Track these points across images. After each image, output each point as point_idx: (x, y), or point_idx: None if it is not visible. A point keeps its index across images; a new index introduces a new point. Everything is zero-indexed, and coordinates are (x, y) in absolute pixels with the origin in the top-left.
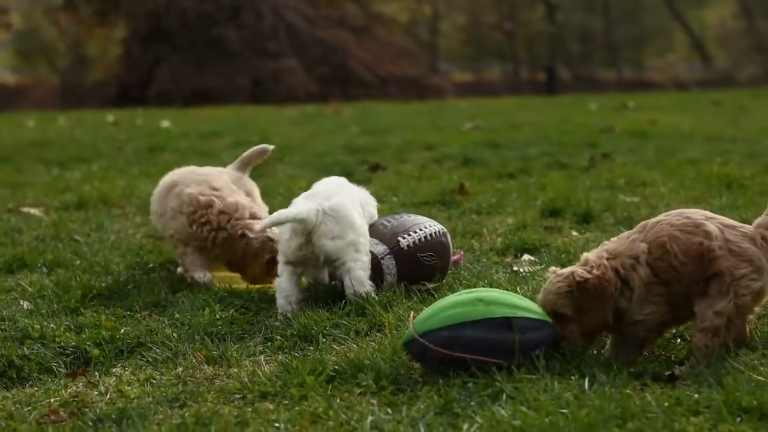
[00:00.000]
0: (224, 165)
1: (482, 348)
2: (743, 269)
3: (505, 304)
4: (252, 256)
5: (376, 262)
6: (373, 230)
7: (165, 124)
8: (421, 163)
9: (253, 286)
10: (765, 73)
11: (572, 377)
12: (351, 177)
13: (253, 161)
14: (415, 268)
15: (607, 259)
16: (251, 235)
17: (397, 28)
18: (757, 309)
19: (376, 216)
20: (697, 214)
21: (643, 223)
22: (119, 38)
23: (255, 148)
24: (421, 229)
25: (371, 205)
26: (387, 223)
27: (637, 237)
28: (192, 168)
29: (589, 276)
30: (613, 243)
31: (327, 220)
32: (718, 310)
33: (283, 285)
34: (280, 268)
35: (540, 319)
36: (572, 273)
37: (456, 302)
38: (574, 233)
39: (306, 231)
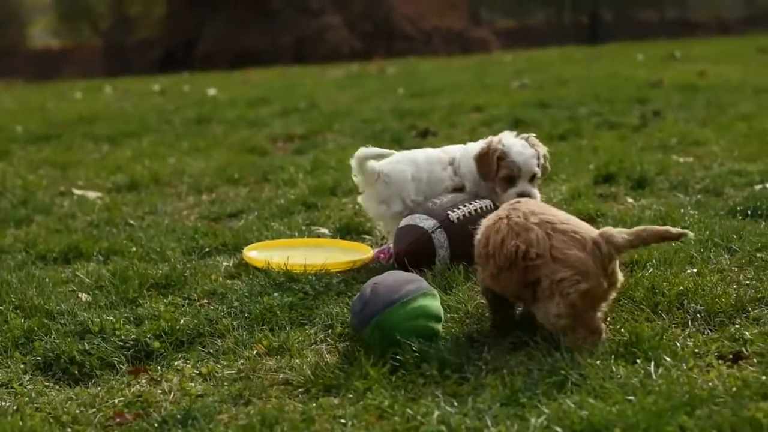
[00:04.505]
0: (273, 133)
1: None
2: (562, 273)
3: None
4: None
5: (427, 237)
6: (422, 208)
7: (211, 91)
8: (470, 126)
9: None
10: None
11: (637, 360)
12: (401, 144)
13: None
14: (468, 242)
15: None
16: None
17: None
18: (604, 307)
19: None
20: (534, 217)
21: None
22: None
23: None
24: (471, 203)
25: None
26: (437, 201)
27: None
28: None
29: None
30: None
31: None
32: (555, 313)
33: None
34: None
35: None
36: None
37: None
38: (629, 200)
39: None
